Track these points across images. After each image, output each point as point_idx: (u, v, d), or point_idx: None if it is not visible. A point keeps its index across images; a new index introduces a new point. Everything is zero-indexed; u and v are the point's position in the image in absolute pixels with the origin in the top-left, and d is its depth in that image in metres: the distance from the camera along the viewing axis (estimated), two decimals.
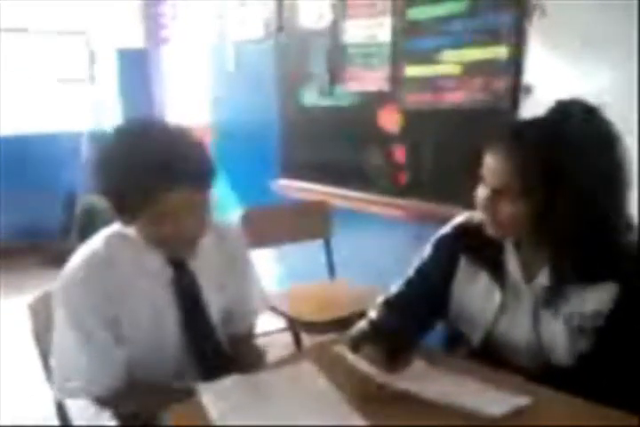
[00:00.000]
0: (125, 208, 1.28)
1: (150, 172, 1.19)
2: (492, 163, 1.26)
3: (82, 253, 1.37)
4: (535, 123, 1.28)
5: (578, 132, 1.19)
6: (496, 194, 1.26)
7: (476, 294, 1.41)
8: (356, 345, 1.30)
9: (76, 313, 1.32)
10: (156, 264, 1.39)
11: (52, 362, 1.37)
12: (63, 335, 1.34)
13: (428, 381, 1.24)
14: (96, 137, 4.74)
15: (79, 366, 1.34)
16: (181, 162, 1.23)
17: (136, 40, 4.82)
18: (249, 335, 1.67)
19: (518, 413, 1.13)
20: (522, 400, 1.16)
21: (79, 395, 1.39)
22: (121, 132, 1.31)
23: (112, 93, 4.94)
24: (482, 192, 1.30)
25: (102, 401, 1.39)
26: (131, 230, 1.36)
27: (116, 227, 1.41)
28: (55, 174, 4.89)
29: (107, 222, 1.44)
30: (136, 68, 4.85)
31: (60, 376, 1.36)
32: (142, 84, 4.88)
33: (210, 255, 1.47)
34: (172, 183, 1.21)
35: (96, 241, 1.39)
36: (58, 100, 5.05)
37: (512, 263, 1.36)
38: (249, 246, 1.63)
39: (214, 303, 1.49)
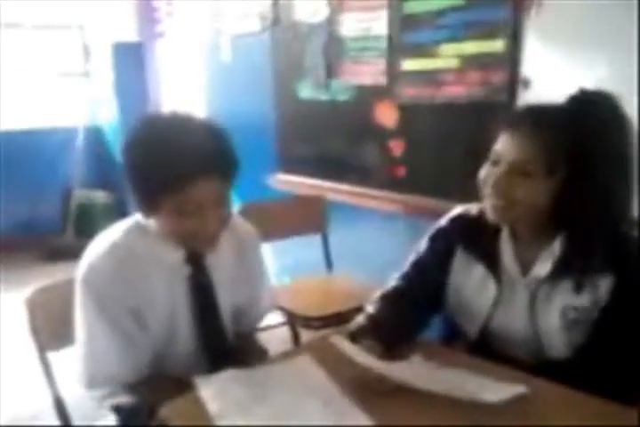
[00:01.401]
0: (152, 198, 1.26)
1: (179, 161, 1.20)
2: (511, 141, 1.24)
3: (104, 243, 1.36)
4: (559, 106, 1.27)
5: (603, 117, 1.20)
6: (512, 172, 1.24)
7: (472, 286, 1.41)
8: (353, 339, 1.30)
9: (103, 303, 1.31)
10: (173, 259, 1.39)
11: (79, 355, 1.37)
12: (91, 325, 1.34)
13: (425, 373, 1.24)
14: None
15: (110, 353, 1.34)
16: (212, 151, 1.25)
17: (131, 34, 4.80)
18: (254, 333, 1.68)
19: (514, 404, 1.13)
20: (518, 389, 1.16)
21: (112, 382, 1.39)
22: (148, 123, 1.30)
23: (108, 88, 4.92)
24: (492, 171, 1.27)
25: (132, 389, 1.40)
26: (150, 223, 1.36)
27: (134, 218, 1.40)
28: (51, 169, 4.88)
29: (102, 217, 1.44)
30: (132, 62, 4.83)
31: (90, 369, 1.36)
32: (138, 78, 4.86)
33: (225, 252, 1.47)
34: (202, 172, 1.22)
35: (117, 231, 1.39)
36: (53, 94, 5.02)
37: (508, 255, 1.36)
38: (261, 243, 1.63)
39: (226, 301, 1.50)
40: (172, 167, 1.20)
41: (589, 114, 1.20)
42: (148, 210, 1.31)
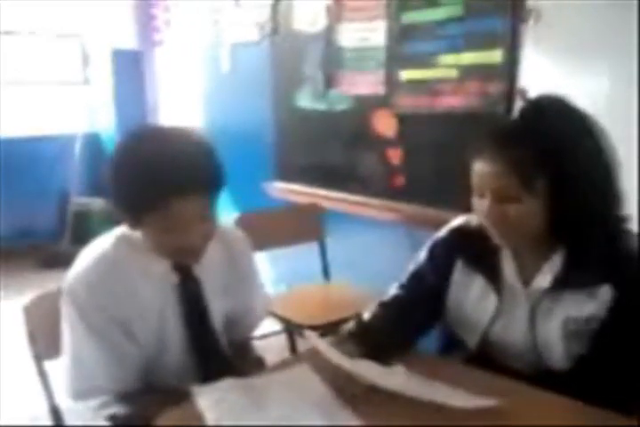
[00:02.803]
0: (135, 215, 1.27)
1: (162, 179, 1.19)
2: (484, 168, 1.25)
3: (91, 255, 1.36)
4: (513, 121, 1.30)
5: (557, 119, 1.21)
6: (498, 200, 1.24)
7: (471, 297, 1.41)
8: (338, 341, 1.31)
9: (88, 314, 1.31)
10: (161, 269, 1.39)
11: (65, 366, 1.36)
12: (77, 336, 1.33)
13: (396, 377, 1.24)
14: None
15: (97, 365, 1.33)
16: (193, 170, 1.23)
17: (130, 42, 4.81)
18: (249, 341, 1.67)
19: (511, 412, 1.13)
20: (489, 402, 1.14)
21: (99, 394, 1.39)
22: (133, 139, 1.30)
23: (106, 95, 4.92)
24: (481, 204, 1.28)
25: (122, 399, 1.39)
26: (138, 233, 1.35)
27: (123, 229, 1.40)
28: (49, 176, 4.87)
29: (99, 224, 1.44)
30: (130, 70, 4.83)
31: (76, 380, 1.36)
32: (136, 86, 4.86)
33: (215, 260, 1.46)
34: (183, 190, 1.21)
35: (104, 242, 1.38)
36: (52, 102, 5.02)
37: (508, 267, 1.36)
38: (253, 251, 1.62)
39: (218, 309, 1.49)
40: (154, 186, 1.19)
41: (543, 120, 1.21)
42: (132, 225, 1.32)
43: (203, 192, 1.26)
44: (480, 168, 1.26)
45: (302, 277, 3.00)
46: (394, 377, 1.22)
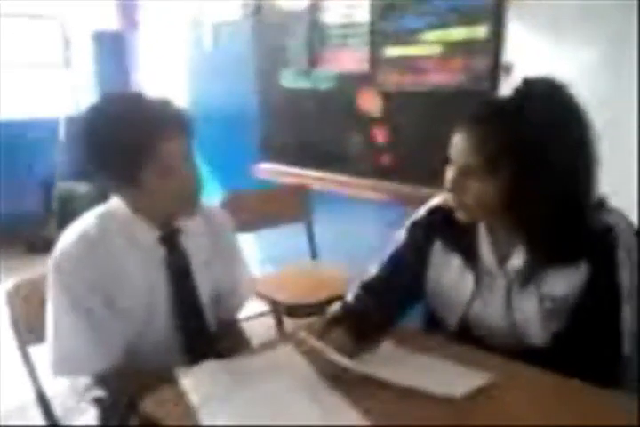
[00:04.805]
0: (129, 168, 1.28)
1: (147, 121, 1.27)
2: (456, 142, 1.27)
3: (74, 232, 1.36)
4: (499, 101, 1.30)
5: (540, 107, 1.18)
6: (462, 174, 1.25)
7: (450, 277, 1.41)
8: (326, 327, 1.31)
9: (72, 291, 1.32)
10: (148, 241, 1.40)
11: (48, 341, 1.36)
12: (60, 313, 1.34)
13: (392, 363, 1.25)
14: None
15: (78, 343, 1.33)
16: (170, 114, 1.32)
17: (111, 23, 4.74)
18: (235, 320, 1.67)
19: (494, 388, 1.14)
20: (484, 378, 1.16)
21: (78, 372, 1.40)
22: (101, 104, 1.35)
23: (88, 77, 4.86)
24: (449, 174, 1.29)
25: (100, 379, 1.39)
26: (121, 206, 1.37)
27: (105, 206, 1.41)
28: (33, 161, 4.82)
29: (85, 209, 1.44)
30: (112, 51, 4.78)
31: (58, 355, 1.36)
32: (118, 67, 4.81)
33: (197, 233, 1.48)
34: (167, 133, 1.28)
35: (87, 220, 1.39)
36: (33, 85, 4.96)
37: (485, 246, 1.36)
38: (235, 230, 1.64)
39: (203, 283, 1.49)
40: (140, 133, 1.26)
41: (531, 104, 1.19)
42: (127, 184, 1.32)
43: (183, 134, 1.33)
44: (454, 141, 1.27)
45: (289, 257, 2.99)
46: (390, 368, 1.22)
